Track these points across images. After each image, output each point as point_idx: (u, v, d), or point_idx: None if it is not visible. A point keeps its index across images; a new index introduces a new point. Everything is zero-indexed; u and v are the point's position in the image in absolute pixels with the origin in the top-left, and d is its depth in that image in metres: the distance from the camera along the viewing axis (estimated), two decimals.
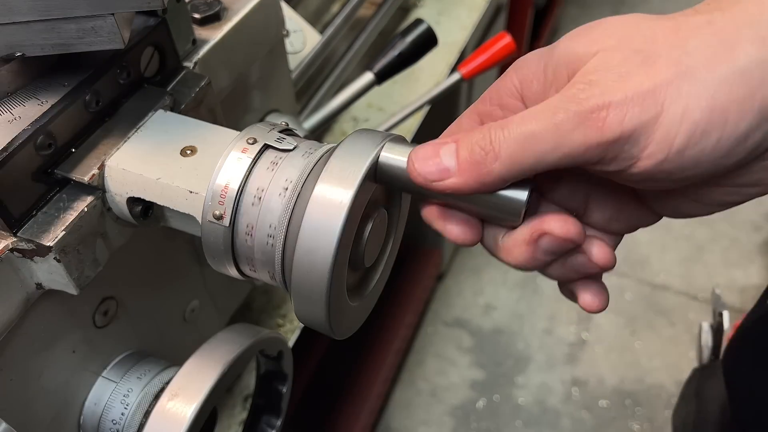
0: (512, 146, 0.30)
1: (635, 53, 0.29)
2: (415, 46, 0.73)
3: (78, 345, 0.46)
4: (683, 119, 0.28)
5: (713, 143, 0.28)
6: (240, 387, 0.70)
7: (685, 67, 0.28)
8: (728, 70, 0.28)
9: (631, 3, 2.67)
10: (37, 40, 0.37)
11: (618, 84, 0.28)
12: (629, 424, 1.52)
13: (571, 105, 0.29)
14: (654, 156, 0.28)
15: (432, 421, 1.54)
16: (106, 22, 0.36)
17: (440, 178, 0.31)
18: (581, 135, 0.29)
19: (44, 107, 0.39)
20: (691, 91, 0.28)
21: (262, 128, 0.38)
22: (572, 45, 0.31)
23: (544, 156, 0.29)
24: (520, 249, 0.33)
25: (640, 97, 0.28)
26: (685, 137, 0.28)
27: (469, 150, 0.31)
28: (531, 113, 0.30)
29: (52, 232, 0.38)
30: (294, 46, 0.74)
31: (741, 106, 0.27)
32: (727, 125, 0.28)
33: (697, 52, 0.28)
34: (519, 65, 0.34)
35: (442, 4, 1.15)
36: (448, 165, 0.31)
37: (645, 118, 0.28)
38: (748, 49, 0.28)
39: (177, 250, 0.54)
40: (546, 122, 0.29)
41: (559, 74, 0.32)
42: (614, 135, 0.28)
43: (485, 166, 0.30)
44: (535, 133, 0.29)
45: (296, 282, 0.34)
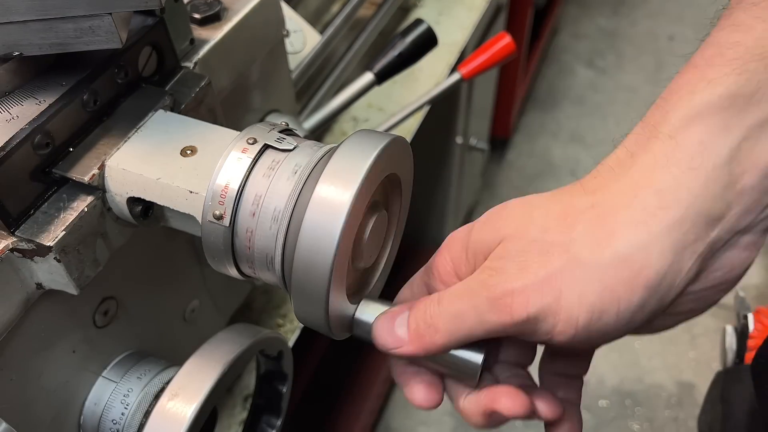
0: (446, 322, 0.34)
1: (531, 243, 0.33)
2: (415, 46, 0.73)
3: (78, 345, 0.46)
4: (581, 302, 0.31)
5: (614, 318, 0.31)
6: (240, 387, 0.70)
7: (573, 254, 0.31)
8: (611, 255, 0.31)
9: (631, 3, 2.67)
10: (35, 40, 0.37)
11: (518, 273, 0.32)
12: (629, 424, 1.52)
13: (483, 290, 0.33)
14: (565, 333, 0.32)
15: (432, 421, 1.54)
16: (104, 21, 0.36)
17: (396, 346, 0.36)
18: (495, 316, 0.33)
19: (42, 106, 0.39)
20: (582, 276, 0.31)
21: (263, 128, 0.38)
22: (482, 234, 0.36)
23: (473, 330, 0.34)
24: (477, 418, 0.37)
25: (538, 285, 0.32)
26: (586, 317, 0.31)
27: (415, 323, 0.36)
28: (457, 292, 0.35)
29: (52, 232, 0.38)
30: (294, 46, 0.74)
31: (629, 285, 0.30)
32: (621, 302, 0.31)
33: (583, 239, 0.31)
34: (449, 245, 0.38)
35: (442, 4, 1.15)
36: (401, 335, 0.36)
37: (545, 303, 0.31)
38: (626, 234, 0.31)
39: (177, 250, 0.54)
40: (467, 303, 0.34)
41: (477, 259, 0.36)
42: (521, 317, 0.32)
43: (429, 338, 0.35)
44: (460, 312, 0.34)
45: (296, 282, 0.34)
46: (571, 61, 2.48)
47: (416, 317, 0.36)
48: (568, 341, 0.32)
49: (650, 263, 0.30)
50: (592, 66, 2.46)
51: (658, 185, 0.31)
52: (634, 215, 0.31)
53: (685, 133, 0.31)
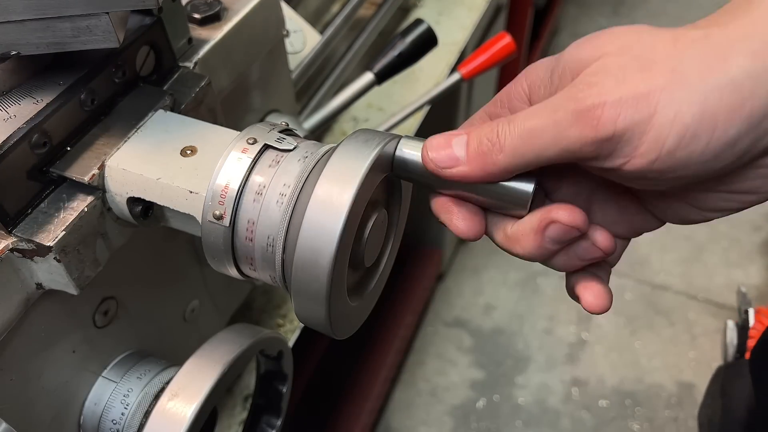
0: (516, 140, 0.32)
1: (633, 59, 0.31)
2: (415, 46, 0.73)
3: (78, 345, 0.46)
4: (674, 122, 0.29)
5: (702, 146, 0.29)
6: (240, 387, 0.70)
7: (680, 74, 0.29)
8: (720, 79, 0.29)
9: (631, 3, 2.67)
10: (32, 39, 0.37)
11: (615, 86, 0.30)
12: (629, 424, 1.52)
13: (570, 103, 0.31)
14: (646, 155, 0.30)
15: (432, 421, 1.54)
16: (101, 21, 0.36)
17: (450, 165, 0.34)
18: (577, 131, 0.30)
19: (39, 106, 0.39)
20: (683, 96, 0.29)
21: (263, 128, 0.38)
22: (577, 52, 0.33)
23: (544, 150, 0.31)
24: (528, 238, 0.34)
25: (634, 99, 0.30)
26: (675, 139, 0.29)
27: (477, 141, 0.33)
28: (534, 110, 0.32)
29: (52, 232, 0.38)
30: (294, 46, 0.74)
31: (730, 113, 0.29)
32: (716, 130, 0.29)
33: (692, 61, 0.30)
34: (529, 71, 0.36)
35: (442, 4, 1.15)
36: (458, 154, 0.33)
37: (638, 119, 0.29)
38: (740, 61, 0.29)
39: (177, 250, 0.54)
40: (546, 119, 0.31)
41: (564, 79, 0.33)
42: (608, 133, 0.30)
43: (490, 157, 0.32)
44: (536, 128, 0.31)
45: (296, 282, 0.34)
46: None
47: (480, 135, 0.33)
48: (645, 167, 0.30)
49: (759, 94, 0.29)
50: None
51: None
52: (752, 46, 0.29)
53: None
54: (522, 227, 0.35)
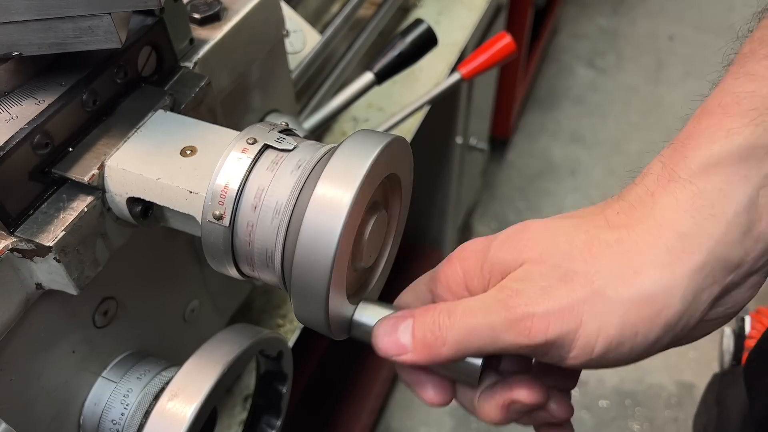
0: (456, 336, 0.34)
1: (554, 268, 0.33)
2: (415, 46, 0.73)
3: (78, 345, 0.46)
4: (599, 334, 0.32)
5: (628, 349, 0.32)
6: (240, 387, 0.70)
7: (597, 287, 0.32)
8: (635, 293, 0.32)
9: (631, 3, 2.67)
10: (34, 40, 0.37)
11: (540, 297, 0.33)
12: (629, 424, 1.52)
13: (502, 310, 0.33)
14: (579, 358, 0.33)
15: (432, 422, 1.54)
16: (103, 21, 0.36)
17: (398, 353, 0.36)
18: (512, 337, 0.33)
19: (41, 106, 0.39)
20: (604, 310, 0.32)
21: (262, 128, 0.38)
22: (501, 253, 0.36)
23: (484, 347, 0.34)
24: (494, 412, 0.38)
25: (560, 312, 0.32)
26: (602, 347, 0.32)
27: (422, 332, 0.35)
28: (471, 307, 0.34)
29: (52, 232, 0.38)
30: (294, 46, 0.74)
31: (648, 323, 0.32)
32: (637, 337, 0.32)
33: (608, 273, 0.32)
34: (462, 255, 0.38)
35: (442, 4, 1.15)
36: (404, 342, 0.36)
37: (566, 329, 0.32)
38: (650, 274, 0.32)
39: (177, 250, 0.54)
40: (482, 320, 0.34)
41: (494, 277, 0.36)
42: (540, 341, 0.33)
43: (435, 349, 0.35)
44: (474, 328, 0.34)
45: (296, 282, 0.34)
46: (571, 61, 2.48)
47: (423, 326, 0.35)
48: (579, 366, 0.33)
49: (672, 304, 0.31)
50: (592, 66, 2.46)
51: (681, 229, 0.32)
52: (659, 256, 0.32)
53: (705, 180, 0.32)
54: (488, 404, 0.38)
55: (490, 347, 0.34)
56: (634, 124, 2.24)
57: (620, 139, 2.18)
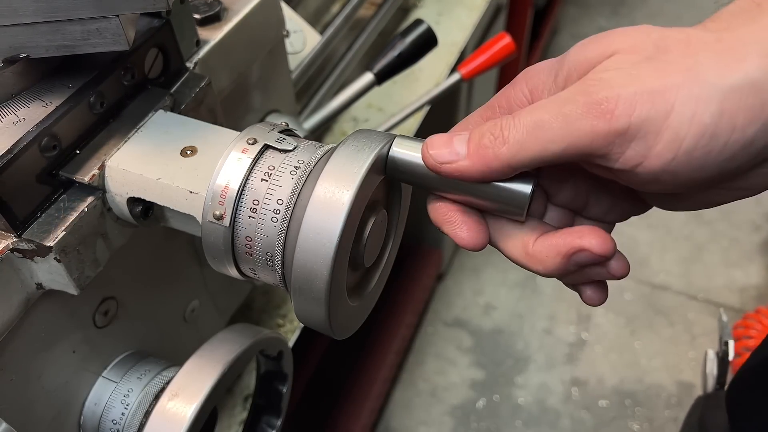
0: (520, 132, 0.30)
1: (647, 58, 0.30)
2: (415, 47, 0.73)
3: (78, 345, 0.46)
4: (693, 121, 0.28)
5: (720, 147, 0.28)
6: (240, 387, 0.70)
7: (696, 73, 0.28)
8: (739, 78, 0.28)
9: (631, 4, 2.67)
10: (42, 42, 0.37)
11: (629, 81, 0.29)
12: (629, 424, 1.52)
13: (581, 96, 0.29)
14: (662, 155, 0.29)
15: (432, 421, 1.54)
16: (111, 23, 0.36)
17: (450, 160, 0.33)
18: (589, 123, 0.29)
19: (49, 109, 0.39)
20: (701, 94, 0.28)
21: (263, 128, 0.38)
22: (584, 51, 0.32)
23: (550, 144, 0.30)
24: (554, 260, 0.34)
25: (650, 94, 0.29)
26: (694, 139, 0.28)
27: (480, 136, 0.32)
28: (541, 103, 0.31)
29: (53, 233, 0.38)
30: (294, 47, 0.74)
31: (749, 113, 0.28)
32: (735, 131, 0.28)
33: (708, 61, 0.29)
34: (529, 74, 0.34)
35: (442, 4, 1.15)
36: (459, 150, 0.33)
37: (654, 115, 0.28)
38: (758, 62, 0.28)
39: (177, 250, 0.54)
40: (555, 111, 0.30)
41: (570, 79, 0.32)
42: (622, 125, 0.29)
43: (493, 151, 0.31)
44: (543, 120, 0.30)
45: (296, 282, 0.34)
46: None
47: (482, 130, 0.32)
48: (661, 168, 0.29)
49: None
50: None
51: None
52: (766, 48, 0.28)
53: None
54: (546, 248, 0.34)
55: (559, 143, 0.30)
56: None
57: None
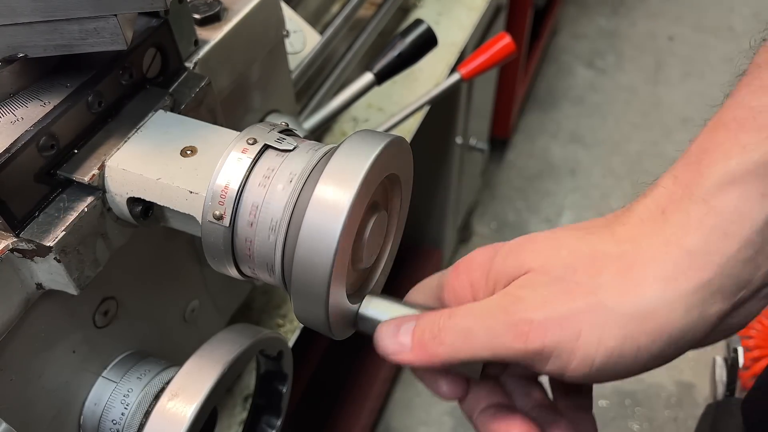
0: (453, 337, 0.34)
1: (556, 280, 0.33)
2: (414, 47, 0.73)
3: (78, 345, 0.46)
4: (599, 345, 0.31)
5: (630, 363, 0.32)
6: (240, 387, 0.70)
7: (598, 299, 0.32)
8: (637, 306, 0.31)
9: (631, 4, 2.67)
10: (40, 41, 0.37)
11: (540, 304, 0.33)
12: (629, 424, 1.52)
13: (500, 314, 0.33)
14: (579, 370, 0.32)
15: (432, 421, 1.54)
16: (109, 23, 0.36)
17: (396, 352, 0.36)
18: (509, 341, 0.33)
19: (47, 108, 0.39)
20: (605, 321, 0.31)
21: (262, 128, 0.38)
22: (506, 263, 0.36)
23: (480, 350, 0.34)
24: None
25: (559, 320, 0.32)
26: (603, 359, 0.32)
27: (421, 332, 0.35)
28: (471, 310, 0.35)
29: (53, 233, 0.38)
30: (294, 47, 0.74)
31: (650, 336, 0.31)
32: (640, 350, 0.31)
33: (610, 285, 0.32)
34: (469, 268, 0.38)
35: (442, 4, 1.15)
36: (404, 342, 0.36)
37: (565, 338, 0.32)
38: (654, 287, 0.31)
39: (177, 250, 0.54)
40: (481, 323, 0.34)
41: (498, 286, 0.36)
42: (537, 347, 0.32)
43: (432, 350, 0.35)
44: (472, 329, 0.34)
45: (296, 282, 0.34)
46: (570, 61, 2.48)
47: (423, 327, 0.36)
48: (581, 379, 0.33)
49: (675, 320, 0.31)
50: (591, 66, 2.46)
51: (690, 246, 0.31)
52: (664, 270, 0.31)
53: (720, 199, 0.31)
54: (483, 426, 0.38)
55: (486, 351, 0.34)
56: (634, 124, 2.24)
57: (620, 139, 2.18)
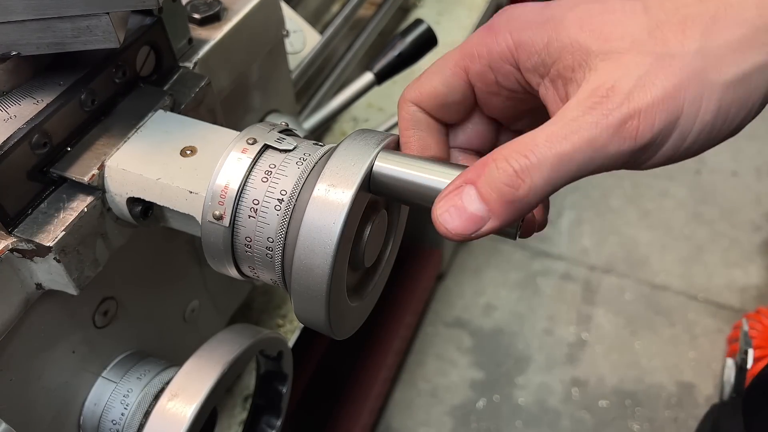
0: (545, 173, 0.29)
1: (650, 56, 0.29)
2: (415, 47, 0.73)
3: (78, 345, 0.46)
4: (696, 121, 0.29)
5: (714, 137, 0.30)
6: (240, 387, 0.70)
7: (698, 69, 0.29)
8: (733, 74, 0.29)
9: None
10: (33, 40, 0.37)
11: (642, 89, 0.29)
12: (629, 424, 1.52)
13: (601, 118, 0.29)
14: (665, 154, 0.30)
15: (432, 421, 1.54)
16: (101, 21, 0.36)
17: (476, 228, 0.30)
18: (616, 146, 0.29)
19: (40, 106, 0.39)
20: (704, 94, 0.29)
21: (262, 128, 0.38)
22: (582, 37, 0.31)
23: (579, 172, 0.29)
24: None
25: (664, 101, 0.29)
26: (695, 136, 0.29)
27: (496, 191, 0.30)
28: (557, 133, 0.29)
29: (52, 233, 0.38)
30: (294, 46, 0.74)
31: (739, 106, 0.30)
32: (726, 122, 0.30)
33: (706, 53, 0.29)
34: (515, 26, 0.32)
35: (442, 4, 1.15)
36: (477, 212, 0.30)
37: (669, 120, 0.29)
38: (751, 54, 0.29)
39: (177, 250, 0.54)
40: (578, 141, 0.29)
41: (564, 59, 0.31)
42: (647, 141, 0.29)
43: (520, 201, 0.30)
44: (567, 153, 0.29)
45: (296, 282, 0.34)
46: None
47: (495, 183, 0.30)
48: (662, 162, 0.30)
49: (761, 86, 0.29)
50: None
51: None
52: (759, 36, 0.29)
53: None
54: None
55: (586, 169, 0.29)
56: None
57: None
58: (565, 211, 1.92)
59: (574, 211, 1.92)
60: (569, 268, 1.77)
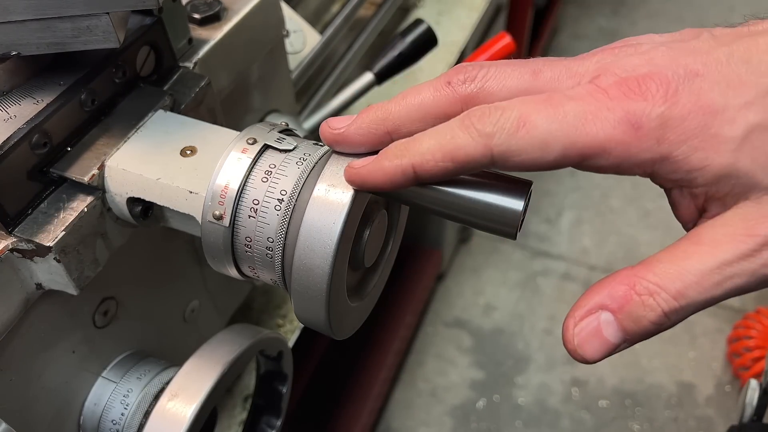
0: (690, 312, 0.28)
1: None
2: (415, 47, 0.73)
3: (78, 345, 0.46)
4: None
5: None
6: (240, 387, 0.70)
7: None
8: None
9: (631, 4, 2.67)
10: (33, 39, 0.37)
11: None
12: (629, 424, 1.52)
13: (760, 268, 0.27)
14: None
15: (432, 422, 1.54)
16: (101, 21, 0.36)
17: (610, 353, 0.29)
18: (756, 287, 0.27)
19: (40, 106, 0.39)
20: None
21: (262, 128, 0.38)
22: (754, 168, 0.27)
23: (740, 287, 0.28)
24: None
25: None
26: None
27: (642, 328, 0.29)
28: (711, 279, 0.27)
29: (52, 233, 0.38)
30: (294, 46, 0.74)
31: None
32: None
33: None
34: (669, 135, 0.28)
35: (442, 4, 1.15)
36: (616, 341, 0.29)
37: None
38: None
39: (177, 250, 0.54)
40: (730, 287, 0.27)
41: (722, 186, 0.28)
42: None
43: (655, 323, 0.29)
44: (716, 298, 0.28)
45: (296, 282, 0.34)
46: None
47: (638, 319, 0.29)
48: None
49: None
50: None
51: None
52: None
53: None
54: None
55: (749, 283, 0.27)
56: None
57: None
58: (565, 211, 1.92)
59: (574, 211, 1.92)
60: (569, 268, 1.77)
